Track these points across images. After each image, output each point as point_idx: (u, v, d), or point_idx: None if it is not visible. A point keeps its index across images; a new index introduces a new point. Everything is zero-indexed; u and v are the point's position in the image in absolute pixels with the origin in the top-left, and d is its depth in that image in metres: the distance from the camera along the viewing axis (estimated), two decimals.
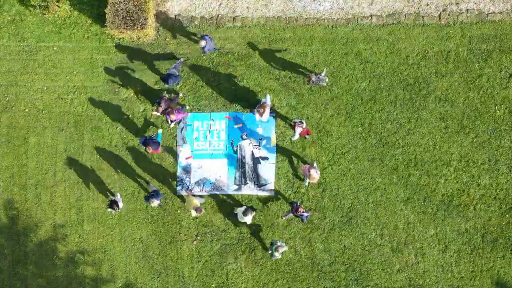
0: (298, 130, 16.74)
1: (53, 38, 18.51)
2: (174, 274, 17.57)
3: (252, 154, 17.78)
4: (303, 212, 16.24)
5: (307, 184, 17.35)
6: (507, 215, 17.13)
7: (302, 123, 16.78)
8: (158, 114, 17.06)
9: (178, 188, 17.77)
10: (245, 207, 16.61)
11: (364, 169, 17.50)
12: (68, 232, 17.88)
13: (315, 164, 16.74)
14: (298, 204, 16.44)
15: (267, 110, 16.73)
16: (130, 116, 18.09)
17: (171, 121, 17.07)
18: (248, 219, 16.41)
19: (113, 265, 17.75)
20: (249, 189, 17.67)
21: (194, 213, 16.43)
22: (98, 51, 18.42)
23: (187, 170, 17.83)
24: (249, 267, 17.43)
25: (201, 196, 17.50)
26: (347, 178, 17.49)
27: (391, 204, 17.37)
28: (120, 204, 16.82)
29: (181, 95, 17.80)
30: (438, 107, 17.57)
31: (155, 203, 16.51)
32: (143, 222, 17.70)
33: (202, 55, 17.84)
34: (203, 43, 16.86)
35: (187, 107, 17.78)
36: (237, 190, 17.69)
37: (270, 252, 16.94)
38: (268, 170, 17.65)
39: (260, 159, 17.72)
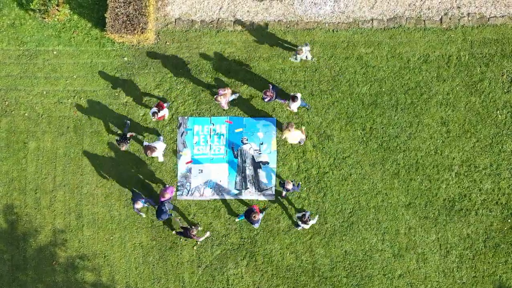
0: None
1: (53, 42, 18.45)
2: (174, 280, 17.48)
3: (253, 158, 17.70)
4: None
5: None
6: (509, 220, 17.04)
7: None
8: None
9: (179, 193, 17.69)
10: (293, 94, 16.68)
11: (365, 174, 17.41)
12: (67, 237, 17.80)
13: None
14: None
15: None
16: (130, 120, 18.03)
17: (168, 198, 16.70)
18: (295, 106, 16.67)
19: (113, 271, 17.66)
20: (250, 194, 17.59)
21: None
22: (98, 55, 18.35)
23: (187, 175, 17.75)
24: (249, 272, 17.34)
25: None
26: (348, 182, 17.41)
27: (393, 209, 17.28)
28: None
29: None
30: (439, 111, 17.49)
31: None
32: (143, 227, 17.62)
33: None
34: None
35: (171, 186, 17.30)
36: (237, 195, 17.62)
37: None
38: (268, 175, 17.57)
39: (260, 163, 17.64)
